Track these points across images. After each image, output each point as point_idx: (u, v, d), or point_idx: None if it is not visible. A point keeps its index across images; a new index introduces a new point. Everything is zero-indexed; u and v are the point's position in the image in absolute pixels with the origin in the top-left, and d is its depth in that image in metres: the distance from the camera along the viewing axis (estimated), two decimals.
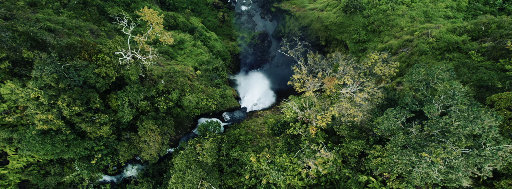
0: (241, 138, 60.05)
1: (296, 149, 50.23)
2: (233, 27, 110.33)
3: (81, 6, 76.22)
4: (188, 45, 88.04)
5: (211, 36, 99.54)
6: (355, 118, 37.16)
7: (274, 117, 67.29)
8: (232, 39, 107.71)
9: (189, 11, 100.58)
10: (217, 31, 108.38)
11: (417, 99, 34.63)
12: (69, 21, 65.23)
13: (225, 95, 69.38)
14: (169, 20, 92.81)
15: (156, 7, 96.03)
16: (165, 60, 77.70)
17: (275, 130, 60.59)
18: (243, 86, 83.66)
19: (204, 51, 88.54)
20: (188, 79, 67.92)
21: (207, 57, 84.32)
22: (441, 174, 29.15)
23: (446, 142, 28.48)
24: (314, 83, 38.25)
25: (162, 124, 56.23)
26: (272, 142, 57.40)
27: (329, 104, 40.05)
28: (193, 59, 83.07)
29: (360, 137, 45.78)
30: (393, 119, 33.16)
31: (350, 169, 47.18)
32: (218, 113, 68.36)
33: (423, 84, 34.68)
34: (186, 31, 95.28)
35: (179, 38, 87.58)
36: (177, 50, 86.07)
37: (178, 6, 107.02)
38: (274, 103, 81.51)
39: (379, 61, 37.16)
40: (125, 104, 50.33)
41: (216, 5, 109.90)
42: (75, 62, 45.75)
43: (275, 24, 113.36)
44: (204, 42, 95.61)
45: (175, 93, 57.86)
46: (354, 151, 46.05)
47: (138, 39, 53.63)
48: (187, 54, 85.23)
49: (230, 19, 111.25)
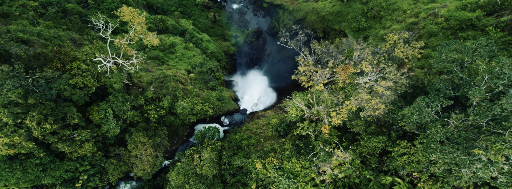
0: (243, 143, 52.83)
1: (307, 152, 42.97)
2: (225, 27, 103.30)
3: (61, 15, 69.28)
4: (180, 48, 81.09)
5: (203, 38, 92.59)
6: (376, 112, 29.95)
7: (278, 117, 60.07)
8: (226, 39, 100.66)
9: (178, 14, 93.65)
10: (209, 32, 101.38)
11: (451, 83, 27.36)
12: (47, 31, 58.21)
13: (222, 97, 62.22)
14: (158, 24, 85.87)
15: (143, 12, 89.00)
16: (156, 65, 70.69)
17: (280, 131, 53.34)
18: (241, 87, 76.44)
19: (197, 54, 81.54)
20: (180, 84, 60.82)
21: (200, 60, 77.30)
22: (503, 175, 21.86)
23: (505, 134, 21.20)
24: (324, 75, 31.12)
25: (154, 135, 49.07)
26: (278, 145, 50.15)
27: (343, 98, 32.84)
28: (186, 62, 76.05)
29: (380, 132, 38.49)
30: (426, 109, 25.90)
31: (371, 170, 39.85)
32: (216, 118, 61.21)
33: (456, 64, 27.42)
34: (177, 34, 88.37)
35: (170, 42, 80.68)
36: (168, 54, 79.08)
37: (166, 9, 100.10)
38: (276, 101, 74.25)
39: (400, 42, 29.95)
40: (109, 116, 43.23)
41: (206, 6, 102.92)
42: (45, 73, 38.70)
43: (269, 20, 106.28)
44: (196, 44, 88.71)
45: (166, 100, 50.74)
46: (374, 149, 38.75)
47: (118, 43, 46.61)
48: (179, 57, 78.25)
49: (221, 19, 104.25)
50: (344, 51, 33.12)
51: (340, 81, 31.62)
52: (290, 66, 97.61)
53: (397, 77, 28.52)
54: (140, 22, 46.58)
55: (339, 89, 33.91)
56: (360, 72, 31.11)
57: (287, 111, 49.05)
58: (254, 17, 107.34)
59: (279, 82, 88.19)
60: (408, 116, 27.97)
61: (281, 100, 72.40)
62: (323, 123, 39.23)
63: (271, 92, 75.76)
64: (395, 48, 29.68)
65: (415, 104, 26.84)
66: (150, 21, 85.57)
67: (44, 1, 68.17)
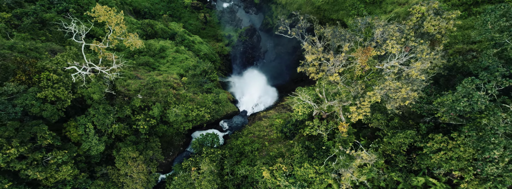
0: (246, 148, 45.97)
1: (320, 155, 36.07)
2: (217, 27, 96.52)
3: (39, 26, 62.48)
4: (171, 52, 74.37)
5: (195, 40, 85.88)
6: (406, 102, 23.10)
7: (281, 117, 53.17)
8: (218, 40, 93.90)
9: (166, 17, 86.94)
10: (201, 33, 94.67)
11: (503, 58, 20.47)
12: (21, 43, 51.39)
13: (219, 100, 55.39)
14: (146, 29, 79.10)
15: (130, 17, 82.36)
16: (146, 72, 63.90)
17: (286, 132, 46.47)
18: (238, 88, 69.50)
19: (189, 56, 74.80)
20: (172, 89, 54.02)
21: (193, 62, 70.53)
22: None
23: None
24: (338, 62, 24.31)
25: (145, 148, 42.26)
26: (286, 149, 43.27)
27: (363, 88, 25.97)
28: (178, 66, 69.29)
29: (405, 126, 31.59)
30: (477, 93, 19.03)
31: (399, 171, 32.90)
32: (214, 123, 54.37)
33: (507, 34, 20.52)
34: (167, 38, 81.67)
35: (160, 46, 73.98)
36: (159, 59, 72.33)
37: (154, 14, 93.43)
38: (277, 99, 67.36)
39: (429, 14, 23.09)
40: (90, 131, 36.46)
41: (196, 7, 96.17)
42: (7, 88, 31.97)
43: (262, 17, 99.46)
44: (188, 47, 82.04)
45: (156, 107, 43.93)
46: (400, 146, 31.83)
47: (94, 47, 39.88)
48: (170, 62, 71.50)
49: (212, 19, 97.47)
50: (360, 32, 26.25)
51: (358, 68, 24.85)
52: (288, 62, 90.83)
53: (431, 57, 21.70)
54: (119, 22, 39.93)
55: (357, 79, 27.05)
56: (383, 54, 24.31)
57: (292, 109, 42.22)
58: (246, 14, 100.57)
59: (278, 80, 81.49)
60: (450, 103, 21.09)
61: (283, 97, 65.56)
62: (338, 120, 32.29)
63: (271, 91, 68.90)
64: (423, 22, 22.89)
65: (461, 87, 20.03)
66: (138, 26, 78.79)
67: (18, 12, 61.44)
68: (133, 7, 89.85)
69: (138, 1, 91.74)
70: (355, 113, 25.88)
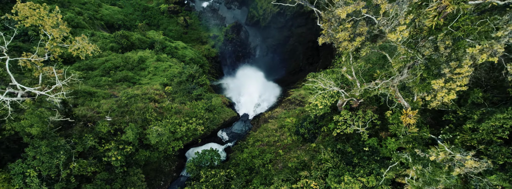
0: (256, 162, 33.18)
1: (364, 160, 23.22)
2: (200, 29, 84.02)
3: None
4: (151, 62, 61.93)
5: (178, 46, 73.44)
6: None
7: (292, 114, 40.34)
8: (204, 42, 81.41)
9: (142, 25, 74.41)
10: (184, 38, 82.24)
11: None
12: None
13: (213, 106, 42.74)
14: (121, 41, 66.43)
15: (102, 32, 69.84)
16: (126, 87, 51.31)
17: (304, 133, 33.61)
18: (233, 89, 56.58)
19: (173, 63, 62.41)
20: (153, 102, 41.42)
21: (178, 69, 58.08)
22: None
23: None
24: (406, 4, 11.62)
25: (125, 185, 29.63)
26: (309, 156, 30.38)
27: (449, 45, 13.19)
28: (162, 76, 56.80)
29: (495, 102, 18.67)
30: None
31: (501, 170, 19.93)
32: (210, 135, 41.59)
33: None
34: (146, 47, 69.22)
35: (138, 57, 61.61)
36: (139, 71, 59.78)
37: (130, 25, 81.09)
38: (281, 94, 54.58)
39: None
40: (32, 182, 23.88)
41: (173, 11, 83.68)
42: None
43: (246, 11, 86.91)
44: (172, 54, 69.70)
45: (130, 130, 31.25)
46: (494, 132, 18.96)
47: (26, 62, 27.52)
48: (152, 72, 58.97)
49: (193, 22, 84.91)
50: None
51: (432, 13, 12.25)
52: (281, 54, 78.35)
53: None
54: (58, 22, 27.63)
55: (431, 32, 14.16)
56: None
57: (306, 103, 29.37)
58: (228, 11, 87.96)
59: (275, 74, 68.99)
60: None
61: (287, 91, 52.69)
62: (396, 109, 19.38)
63: (271, 86, 56.13)
64: None
65: None
66: (111, 40, 66.33)
67: None
68: (105, 21, 77.41)
69: (110, 15, 79.40)
70: (442, 91, 13.36)
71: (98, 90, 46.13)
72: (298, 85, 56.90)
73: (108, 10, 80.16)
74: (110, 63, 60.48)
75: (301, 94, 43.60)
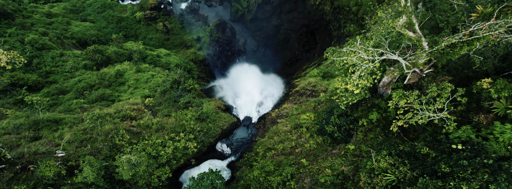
0: (273, 180, 22.76)
1: (463, 167, 12.68)
2: (182, 33, 73.83)
3: None
4: (131, 75, 51.79)
5: (160, 53, 63.46)
6: None
7: (307, 108, 29.89)
8: (188, 46, 71.27)
9: (117, 37, 64.13)
10: (166, 45, 72.15)
11: None
12: None
13: (205, 114, 32.32)
14: (94, 57, 56.06)
15: (72, 51, 59.54)
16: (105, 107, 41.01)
17: (333, 132, 23.08)
18: (228, 90, 45.78)
19: (155, 72, 52.33)
20: (129, 120, 31.04)
21: (163, 77, 47.90)
22: None
23: None
24: None
25: None
26: (350, 165, 19.87)
27: None
28: (144, 88, 46.77)
29: None
30: None
31: None
32: (207, 151, 31.00)
33: None
34: (124, 60, 59.07)
35: (115, 72, 51.52)
36: (117, 87, 49.59)
37: (106, 39, 70.98)
38: (286, 87, 44.20)
39: None
40: None
41: (150, 18, 73.54)
42: None
43: (228, 6, 76.82)
44: (154, 63, 59.67)
45: (88, 165, 20.83)
46: None
47: None
48: (133, 86, 48.83)
49: (174, 26, 74.67)
50: None
51: None
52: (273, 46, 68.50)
53: None
54: None
55: None
56: None
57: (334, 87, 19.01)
58: (210, 9, 77.76)
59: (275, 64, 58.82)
60: None
61: (292, 82, 42.26)
62: None
63: (272, 78, 45.81)
64: None
65: None
66: (83, 58, 56.08)
67: None
68: (77, 39, 67.20)
69: (82, 31, 69.26)
70: None
71: (66, 116, 35.83)
72: (301, 75, 46.65)
73: (78, 27, 70.05)
74: (83, 83, 50.27)
75: (310, 82, 33.26)
